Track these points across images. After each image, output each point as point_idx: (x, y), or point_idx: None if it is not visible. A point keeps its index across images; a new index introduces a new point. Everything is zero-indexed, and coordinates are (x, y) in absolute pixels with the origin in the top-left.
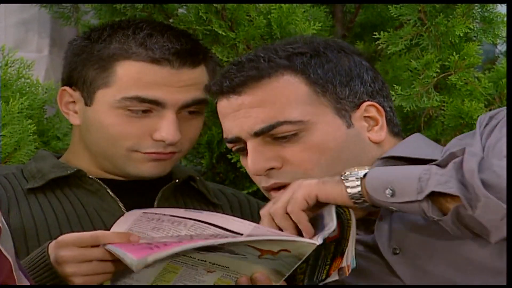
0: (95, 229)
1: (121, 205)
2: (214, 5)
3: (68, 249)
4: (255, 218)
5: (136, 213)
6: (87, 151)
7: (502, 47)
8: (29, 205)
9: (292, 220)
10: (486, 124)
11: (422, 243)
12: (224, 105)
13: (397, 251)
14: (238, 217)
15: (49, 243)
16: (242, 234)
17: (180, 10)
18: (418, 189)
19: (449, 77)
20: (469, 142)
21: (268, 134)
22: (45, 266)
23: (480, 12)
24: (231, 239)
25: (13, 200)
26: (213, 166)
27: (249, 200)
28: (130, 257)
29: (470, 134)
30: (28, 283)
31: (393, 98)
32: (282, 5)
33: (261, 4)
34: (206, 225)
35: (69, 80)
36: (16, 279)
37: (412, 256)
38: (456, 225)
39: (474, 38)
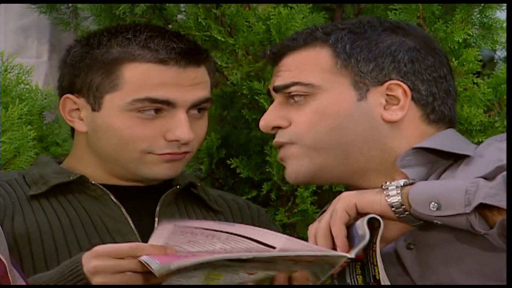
0: (98, 235)
1: (123, 211)
2: (213, 11)
3: (103, 259)
4: (256, 224)
5: (168, 226)
6: (93, 157)
7: (501, 53)
8: (33, 211)
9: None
10: None
11: (439, 244)
12: (273, 70)
13: (411, 246)
14: (240, 223)
15: (83, 253)
16: (275, 248)
17: (179, 16)
18: (466, 202)
19: None
20: (505, 146)
21: (284, 92)
22: (78, 275)
23: (479, 18)
24: (263, 253)
25: (17, 206)
26: (212, 171)
27: (249, 205)
28: (155, 263)
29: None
30: (23, 283)
31: None
32: (281, 11)
33: (260, 10)
34: (239, 238)
35: (72, 87)
36: (10, 280)
37: (426, 254)
38: (501, 238)
39: (473, 44)
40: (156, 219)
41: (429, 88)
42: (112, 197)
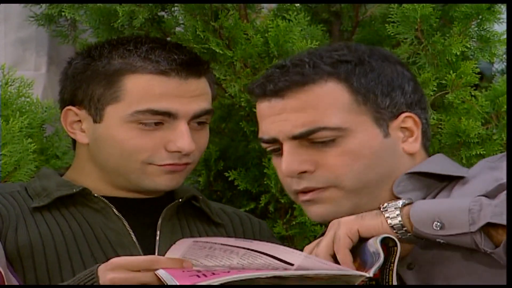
0: (101, 248)
1: (126, 224)
2: (211, 23)
3: (120, 271)
4: (257, 237)
5: (187, 241)
6: (96, 169)
7: (498, 66)
8: (35, 223)
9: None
10: None
11: (439, 262)
12: (265, 107)
13: (412, 266)
14: (241, 237)
15: (99, 265)
16: (293, 264)
17: (177, 29)
18: (470, 221)
19: (446, 96)
20: (499, 166)
21: (306, 138)
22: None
23: (477, 31)
24: (283, 272)
25: (20, 218)
26: (210, 184)
27: (251, 219)
28: (175, 284)
29: (499, 158)
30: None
31: None
32: (280, 23)
33: (258, 23)
34: (257, 254)
35: (73, 99)
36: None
37: (426, 273)
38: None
39: (471, 57)
40: (158, 232)
41: (426, 116)
42: (115, 210)
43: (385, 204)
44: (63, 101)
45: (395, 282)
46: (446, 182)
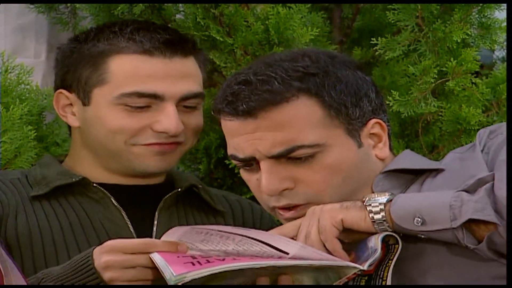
0: (98, 238)
1: (124, 214)
2: (212, 10)
3: (115, 254)
4: (257, 225)
5: (184, 227)
6: (90, 154)
7: (499, 53)
8: (34, 212)
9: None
10: (489, 139)
11: (416, 255)
12: (237, 126)
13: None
14: (240, 226)
15: (94, 248)
16: (288, 253)
17: (178, 16)
18: (452, 217)
19: (447, 83)
20: (468, 156)
21: (284, 156)
22: (89, 270)
23: (478, 18)
24: (274, 261)
25: (20, 205)
26: (210, 171)
27: (253, 208)
28: (169, 271)
29: (468, 148)
30: (18, 272)
31: (390, 104)
32: (280, 10)
33: (258, 10)
34: (253, 241)
35: (63, 83)
36: (1, 269)
37: (404, 267)
38: (491, 252)
39: (472, 44)
40: (156, 222)
41: (387, 117)
42: (113, 200)
43: (368, 198)
44: (56, 86)
45: (389, 280)
46: (420, 175)
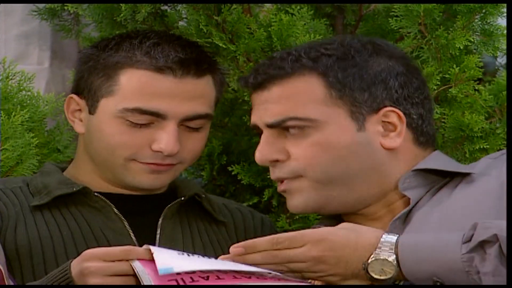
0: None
1: (126, 223)
2: (215, 17)
3: (95, 261)
4: (258, 232)
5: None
6: (91, 162)
7: (502, 60)
8: (35, 222)
9: None
10: None
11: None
12: (253, 97)
13: None
14: (242, 234)
15: (72, 260)
16: (270, 273)
17: (180, 23)
18: (472, 281)
19: (450, 90)
20: (501, 164)
21: (280, 127)
22: (66, 279)
23: (480, 25)
24: (256, 281)
25: (20, 215)
26: (213, 178)
27: (253, 215)
28: (148, 279)
29: (502, 154)
30: None
31: None
32: (283, 17)
33: (261, 17)
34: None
35: (76, 88)
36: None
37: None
38: None
39: (474, 51)
40: (158, 230)
41: (418, 111)
42: (115, 209)
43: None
44: (71, 89)
45: None
46: (447, 178)
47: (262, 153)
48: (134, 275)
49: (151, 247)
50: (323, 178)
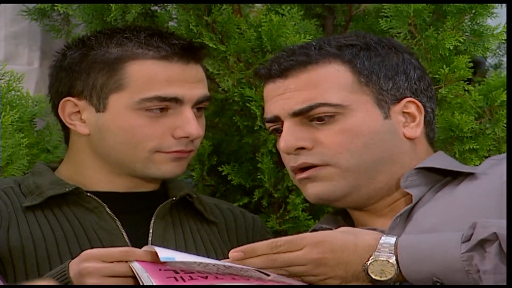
0: (92, 248)
1: (118, 223)
2: (205, 18)
3: (93, 262)
4: (249, 233)
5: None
6: (96, 160)
7: (491, 60)
8: (27, 223)
9: None
10: None
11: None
12: (270, 88)
13: None
14: (233, 234)
15: (70, 260)
16: (269, 275)
17: (170, 23)
18: (472, 281)
19: (439, 90)
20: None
21: (306, 115)
22: (64, 280)
23: (470, 26)
24: (255, 282)
25: (13, 216)
26: (203, 178)
27: (244, 216)
28: (150, 280)
29: (505, 162)
30: None
31: None
32: (273, 18)
33: (251, 17)
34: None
35: (71, 90)
36: None
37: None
38: None
39: (464, 51)
40: (151, 230)
41: (432, 106)
42: (107, 209)
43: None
44: (59, 93)
45: None
46: (449, 177)
47: (288, 141)
48: (133, 277)
49: (152, 246)
50: (351, 165)
